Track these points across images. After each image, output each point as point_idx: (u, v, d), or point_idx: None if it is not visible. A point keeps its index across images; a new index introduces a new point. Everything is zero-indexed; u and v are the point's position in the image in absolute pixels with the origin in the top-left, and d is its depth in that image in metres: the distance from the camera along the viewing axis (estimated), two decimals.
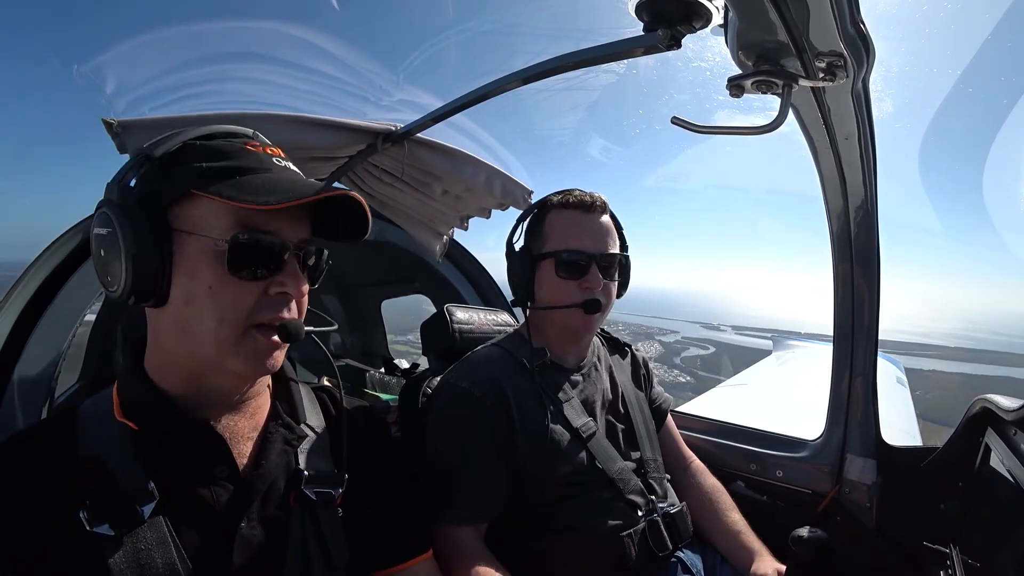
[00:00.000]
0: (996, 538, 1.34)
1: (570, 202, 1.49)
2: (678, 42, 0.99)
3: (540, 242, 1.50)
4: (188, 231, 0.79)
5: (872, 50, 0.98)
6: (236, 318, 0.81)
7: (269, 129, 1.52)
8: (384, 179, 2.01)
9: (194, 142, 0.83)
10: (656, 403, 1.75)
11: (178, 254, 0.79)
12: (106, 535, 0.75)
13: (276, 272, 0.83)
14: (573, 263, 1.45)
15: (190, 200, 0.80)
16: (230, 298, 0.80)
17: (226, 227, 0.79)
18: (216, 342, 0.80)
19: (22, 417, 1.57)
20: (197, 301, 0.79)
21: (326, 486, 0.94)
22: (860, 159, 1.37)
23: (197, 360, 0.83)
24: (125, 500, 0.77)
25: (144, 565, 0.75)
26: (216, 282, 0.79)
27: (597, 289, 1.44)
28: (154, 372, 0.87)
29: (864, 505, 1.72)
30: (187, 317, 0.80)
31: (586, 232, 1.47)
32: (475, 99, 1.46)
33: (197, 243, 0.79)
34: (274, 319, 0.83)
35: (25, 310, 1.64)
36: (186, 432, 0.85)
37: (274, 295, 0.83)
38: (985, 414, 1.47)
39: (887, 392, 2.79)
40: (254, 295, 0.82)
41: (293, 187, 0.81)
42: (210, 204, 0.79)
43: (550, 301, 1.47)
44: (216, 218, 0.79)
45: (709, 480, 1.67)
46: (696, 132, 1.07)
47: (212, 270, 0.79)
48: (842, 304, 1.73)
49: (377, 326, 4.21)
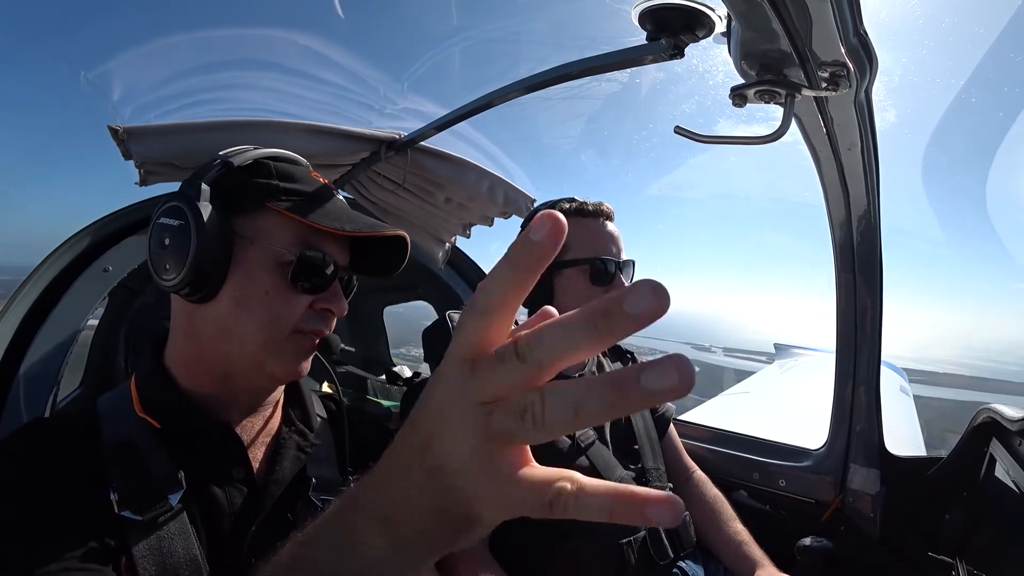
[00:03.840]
0: (1002, 549, 1.33)
1: (588, 210, 1.50)
2: (681, 51, 1.00)
3: (561, 250, 1.49)
4: (252, 238, 0.85)
5: (875, 60, 0.99)
6: (283, 324, 0.87)
7: (274, 137, 1.54)
8: (387, 187, 2.02)
9: (266, 160, 0.90)
10: (659, 412, 1.74)
11: (238, 257, 0.84)
12: (132, 519, 0.75)
13: (324, 290, 0.90)
14: (604, 271, 1.46)
15: (260, 212, 0.86)
16: (282, 304, 0.86)
17: (290, 242, 0.86)
18: (263, 342, 0.85)
19: (26, 419, 1.56)
20: (249, 303, 0.84)
21: (332, 493, 0.95)
22: (863, 169, 1.37)
23: (233, 358, 0.87)
24: (153, 486, 0.78)
25: (166, 553, 0.75)
26: (273, 288, 0.85)
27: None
28: (179, 369, 0.89)
29: (868, 515, 1.71)
30: (235, 316, 0.85)
31: (610, 240, 1.50)
32: (479, 107, 1.47)
33: (260, 251, 0.85)
34: (317, 332, 0.91)
35: (29, 313, 1.65)
36: (206, 432, 0.87)
37: (319, 310, 0.90)
38: (990, 424, 1.46)
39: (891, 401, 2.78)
40: (302, 307, 0.88)
41: (358, 219, 0.91)
42: (279, 219, 0.86)
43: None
44: (281, 232, 0.86)
45: (711, 491, 1.66)
46: (699, 142, 1.08)
47: (271, 277, 0.85)
48: (844, 313, 1.73)
49: (379, 333, 4.21)
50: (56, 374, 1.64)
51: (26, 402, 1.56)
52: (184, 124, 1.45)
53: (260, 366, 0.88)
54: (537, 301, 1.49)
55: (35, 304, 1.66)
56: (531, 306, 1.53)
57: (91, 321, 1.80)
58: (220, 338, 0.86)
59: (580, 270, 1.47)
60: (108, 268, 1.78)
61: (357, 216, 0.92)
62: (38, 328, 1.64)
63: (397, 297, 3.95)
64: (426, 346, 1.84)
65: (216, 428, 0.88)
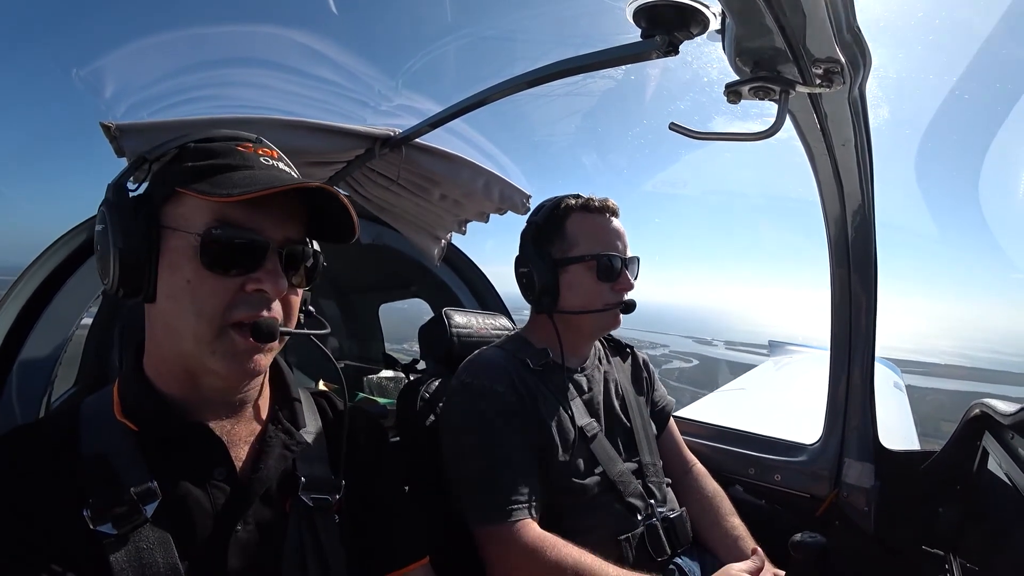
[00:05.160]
0: (994, 542, 1.35)
1: (595, 206, 1.51)
2: (676, 48, 1.00)
3: (565, 246, 1.50)
4: (172, 227, 0.82)
5: (868, 57, 0.99)
6: (212, 313, 0.81)
7: (267, 134, 1.51)
8: (382, 184, 2.01)
9: (190, 145, 0.86)
10: (659, 406, 1.75)
11: (164, 250, 0.82)
12: (109, 534, 0.75)
13: (253, 269, 0.83)
14: (610, 267, 1.47)
15: (178, 199, 0.83)
16: (206, 293, 0.81)
17: (204, 223, 0.81)
18: (195, 337, 0.81)
19: (20, 417, 1.56)
20: (177, 296, 0.81)
21: (323, 492, 0.94)
22: (857, 165, 1.38)
23: (183, 357, 0.84)
24: (129, 500, 0.77)
25: (146, 564, 0.75)
26: (193, 276, 0.80)
27: (630, 291, 1.50)
28: (152, 372, 0.88)
29: (862, 509, 1.72)
30: (171, 312, 0.82)
31: (616, 235, 1.51)
32: (473, 104, 1.47)
33: (179, 239, 0.81)
34: (250, 317, 0.83)
35: (23, 311, 1.64)
36: (185, 434, 0.86)
37: (251, 292, 0.83)
38: (982, 418, 1.47)
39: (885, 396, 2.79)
40: (230, 291, 0.82)
41: (265, 182, 0.82)
42: (192, 201, 0.82)
43: (585, 305, 1.48)
44: (197, 215, 0.81)
45: (710, 484, 1.66)
46: (694, 138, 1.08)
47: (190, 264, 0.80)
48: (839, 309, 1.74)
49: (375, 331, 4.21)
50: (51, 372, 1.64)
51: (20, 401, 1.55)
52: (177, 121, 1.45)
53: (203, 364, 0.83)
54: (544, 297, 1.50)
55: (29, 302, 1.65)
56: (538, 303, 1.52)
57: (85, 319, 1.79)
58: (166, 336, 0.85)
59: (586, 266, 1.47)
60: None
61: (266, 180, 0.83)
62: (32, 326, 1.63)
63: (393, 295, 3.94)
64: (422, 343, 1.84)
65: (194, 429, 0.86)
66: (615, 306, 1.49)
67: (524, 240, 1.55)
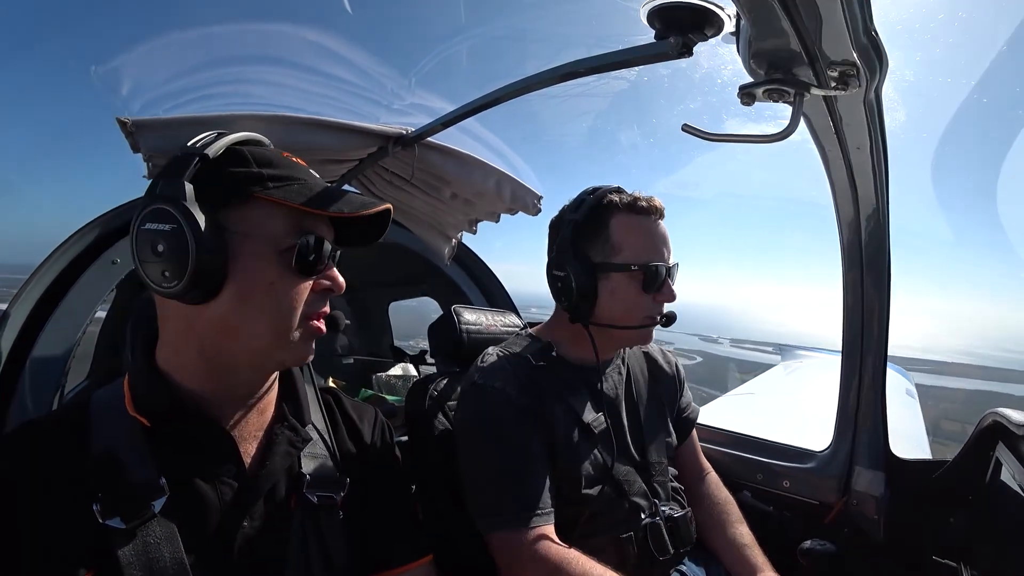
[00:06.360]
0: (1006, 553, 1.33)
1: (641, 206, 1.40)
2: (690, 50, 0.99)
3: (608, 250, 1.39)
4: (245, 231, 0.84)
5: (885, 59, 0.98)
6: (294, 311, 0.87)
7: (282, 131, 1.54)
8: (394, 182, 2.02)
9: (239, 147, 0.88)
10: (685, 412, 1.70)
11: (235, 253, 0.83)
12: (117, 528, 0.76)
13: (323, 271, 0.90)
14: (657, 277, 1.38)
15: (248, 202, 0.84)
16: (290, 293, 0.86)
17: (285, 229, 0.86)
18: (274, 334, 0.86)
19: (33, 410, 1.58)
20: (255, 297, 0.84)
21: (328, 490, 0.95)
22: (872, 169, 1.36)
23: (237, 355, 0.87)
24: (137, 494, 0.78)
25: (153, 559, 0.76)
26: (277, 278, 0.85)
27: (672, 301, 1.43)
28: (173, 368, 0.88)
29: (872, 518, 1.70)
30: (241, 313, 0.84)
31: (663, 241, 1.41)
32: (486, 104, 1.47)
33: (257, 243, 0.84)
34: (322, 312, 0.92)
35: (37, 306, 1.66)
36: (196, 430, 0.87)
37: (320, 290, 0.90)
38: (996, 428, 1.45)
39: (896, 404, 2.76)
40: (307, 291, 0.88)
41: (346, 198, 0.90)
42: (270, 207, 0.85)
43: (625, 316, 1.39)
44: (274, 220, 0.85)
45: (722, 493, 1.64)
46: (707, 140, 1.07)
47: (274, 267, 0.85)
48: (851, 313, 1.72)
49: (384, 328, 4.23)
50: (64, 366, 1.66)
51: (34, 394, 1.58)
52: (192, 117, 1.46)
53: (269, 358, 0.89)
54: (583, 304, 1.40)
55: (44, 295, 1.68)
56: (576, 310, 1.42)
57: (99, 313, 1.81)
58: (224, 336, 0.85)
59: (631, 276, 1.37)
60: (116, 260, 1.79)
61: (342, 195, 0.91)
62: (47, 320, 1.66)
63: (403, 293, 3.97)
64: (432, 340, 1.84)
65: (206, 425, 0.87)
66: (655, 321, 1.42)
67: (560, 238, 1.42)
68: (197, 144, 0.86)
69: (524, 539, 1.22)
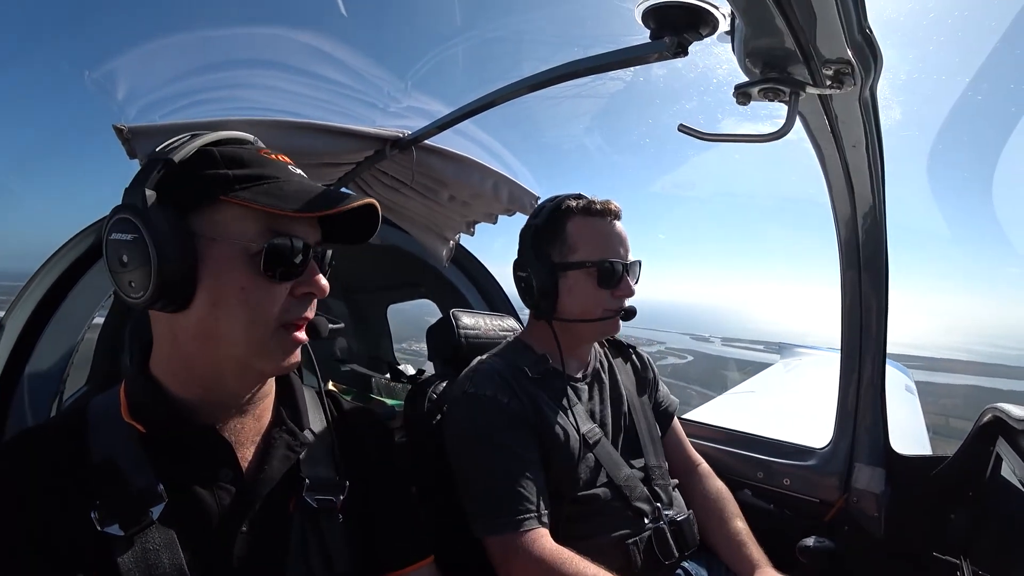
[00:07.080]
0: (1007, 549, 1.33)
1: (596, 209, 1.48)
2: (685, 49, 0.99)
3: (565, 250, 1.47)
4: (214, 236, 0.81)
5: (880, 57, 0.98)
6: (267, 318, 0.83)
7: (279, 135, 1.54)
8: (392, 185, 2.02)
9: (210, 148, 0.84)
10: (662, 406, 1.73)
11: (204, 258, 0.80)
12: (116, 535, 0.76)
13: (301, 274, 0.86)
14: (612, 273, 1.45)
15: (215, 206, 0.81)
16: (262, 299, 0.83)
17: (256, 232, 0.82)
18: (247, 341, 0.83)
19: (31, 417, 1.58)
20: (227, 303, 0.81)
21: (327, 493, 0.94)
22: (868, 167, 1.36)
23: (219, 361, 0.85)
24: (135, 501, 0.78)
25: (152, 565, 0.76)
26: (249, 283, 0.81)
27: (631, 297, 1.49)
28: (164, 375, 0.88)
29: (872, 515, 1.70)
30: (215, 319, 0.81)
31: (619, 241, 1.49)
32: (482, 106, 1.47)
33: (226, 247, 0.81)
34: (301, 318, 0.88)
35: (35, 312, 1.66)
36: (192, 436, 0.86)
37: (299, 295, 0.87)
38: (996, 423, 1.45)
39: (896, 400, 2.76)
40: (283, 296, 0.85)
41: (324, 196, 0.85)
42: (238, 210, 0.81)
43: (584, 311, 1.46)
44: (243, 223, 0.81)
45: (715, 484, 1.65)
46: (703, 140, 1.07)
47: (244, 272, 0.81)
48: (850, 311, 1.72)
49: (383, 331, 4.22)
50: (62, 372, 1.65)
51: (32, 400, 1.57)
52: (188, 123, 1.46)
53: (248, 366, 0.86)
54: (543, 302, 1.48)
55: (41, 303, 1.67)
56: (537, 308, 1.51)
57: (97, 319, 1.81)
58: (203, 343, 0.83)
59: (587, 272, 1.45)
60: None
61: (317, 190, 0.86)
62: (45, 326, 1.65)
63: (401, 295, 3.96)
64: (430, 344, 1.84)
65: (202, 431, 0.87)
66: (615, 314, 1.48)
67: (523, 242, 1.53)
68: (168, 148, 0.83)
69: (518, 542, 1.24)
